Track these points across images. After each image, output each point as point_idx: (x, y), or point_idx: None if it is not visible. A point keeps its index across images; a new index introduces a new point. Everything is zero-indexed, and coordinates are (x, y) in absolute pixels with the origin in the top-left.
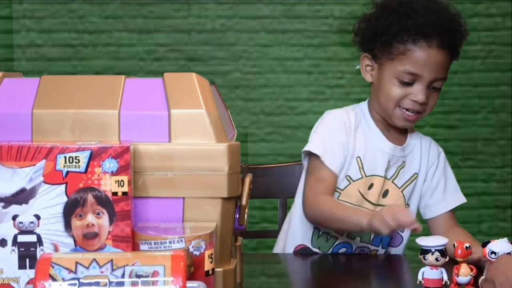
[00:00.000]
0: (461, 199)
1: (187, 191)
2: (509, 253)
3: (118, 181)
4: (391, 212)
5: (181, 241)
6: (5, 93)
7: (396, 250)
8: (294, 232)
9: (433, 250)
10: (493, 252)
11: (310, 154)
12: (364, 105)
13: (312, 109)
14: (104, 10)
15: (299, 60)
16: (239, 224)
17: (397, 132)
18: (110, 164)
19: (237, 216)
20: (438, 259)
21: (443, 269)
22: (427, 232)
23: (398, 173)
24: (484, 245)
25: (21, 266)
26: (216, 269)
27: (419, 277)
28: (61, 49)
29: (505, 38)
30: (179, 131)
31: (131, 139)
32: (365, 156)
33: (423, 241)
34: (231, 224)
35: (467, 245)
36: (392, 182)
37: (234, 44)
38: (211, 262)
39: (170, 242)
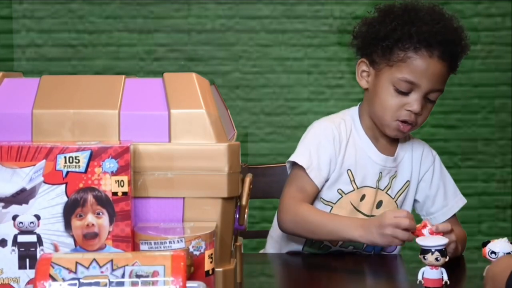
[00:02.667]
0: (462, 201)
1: (187, 191)
2: (509, 253)
3: (118, 181)
4: (391, 224)
5: (181, 241)
6: (5, 93)
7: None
8: (283, 239)
9: (433, 250)
10: (493, 252)
11: (294, 164)
12: (354, 112)
13: (312, 109)
14: (104, 10)
15: (299, 60)
16: (239, 224)
17: (388, 141)
18: (110, 164)
19: (237, 216)
20: (438, 259)
21: (443, 269)
22: None
23: (391, 183)
24: (484, 245)
25: (21, 266)
26: (216, 269)
27: (419, 277)
28: (61, 49)
29: (505, 38)
30: (179, 131)
31: (131, 139)
32: (356, 168)
33: (423, 241)
34: (231, 224)
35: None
36: (386, 193)
37: (234, 44)
38: (211, 262)
39: (170, 242)
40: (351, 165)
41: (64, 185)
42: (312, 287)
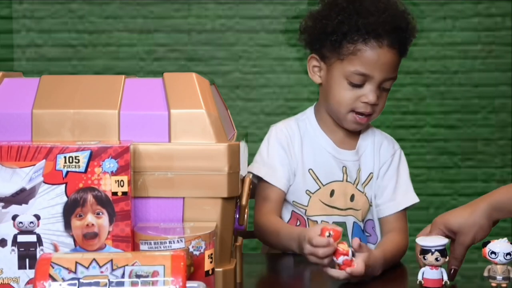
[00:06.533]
0: (413, 199)
1: (187, 191)
2: (508, 254)
3: (118, 181)
4: (309, 252)
5: (181, 241)
6: (5, 93)
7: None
8: None
9: (433, 250)
10: (493, 252)
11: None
12: (310, 111)
13: None
14: (104, 10)
15: (299, 60)
16: (239, 224)
17: (347, 134)
18: (110, 164)
19: (237, 216)
20: (438, 259)
21: (443, 269)
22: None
23: (358, 177)
24: (484, 245)
25: (21, 266)
26: (216, 269)
27: (419, 277)
28: (61, 49)
29: (505, 38)
30: (179, 131)
31: (131, 139)
32: (317, 166)
33: (423, 241)
34: (231, 224)
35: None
36: (356, 187)
37: (234, 44)
38: (211, 262)
39: (170, 242)
40: (311, 164)
41: (64, 185)
42: (311, 287)
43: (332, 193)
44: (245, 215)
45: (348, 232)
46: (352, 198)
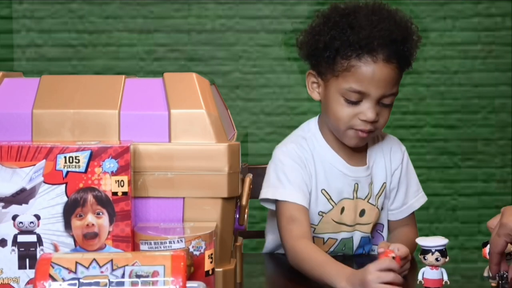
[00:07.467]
0: (423, 199)
1: (187, 191)
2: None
3: (118, 181)
4: (374, 280)
5: (181, 241)
6: (5, 93)
7: None
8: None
9: (433, 250)
10: None
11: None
12: (314, 127)
13: (312, 109)
14: (104, 10)
15: (299, 60)
16: (239, 224)
17: (355, 149)
18: (110, 164)
19: (237, 216)
20: (438, 259)
21: (443, 269)
22: (427, 232)
23: (371, 191)
24: (484, 245)
25: (21, 266)
26: (216, 269)
27: (419, 277)
28: (61, 49)
29: (505, 38)
30: (179, 131)
31: (131, 139)
32: (330, 185)
33: (423, 241)
34: (231, 224)
35: (392, 255)
36: (368, 202)
37: (234, 44)
38: (211, 262)
39: (170, 242)
40: (323, 183)
41: (64, 185)
42: (311, 287)
43: (342, 210)
44: (245, 215)
45: (354, 246)
46: (362, 213)
